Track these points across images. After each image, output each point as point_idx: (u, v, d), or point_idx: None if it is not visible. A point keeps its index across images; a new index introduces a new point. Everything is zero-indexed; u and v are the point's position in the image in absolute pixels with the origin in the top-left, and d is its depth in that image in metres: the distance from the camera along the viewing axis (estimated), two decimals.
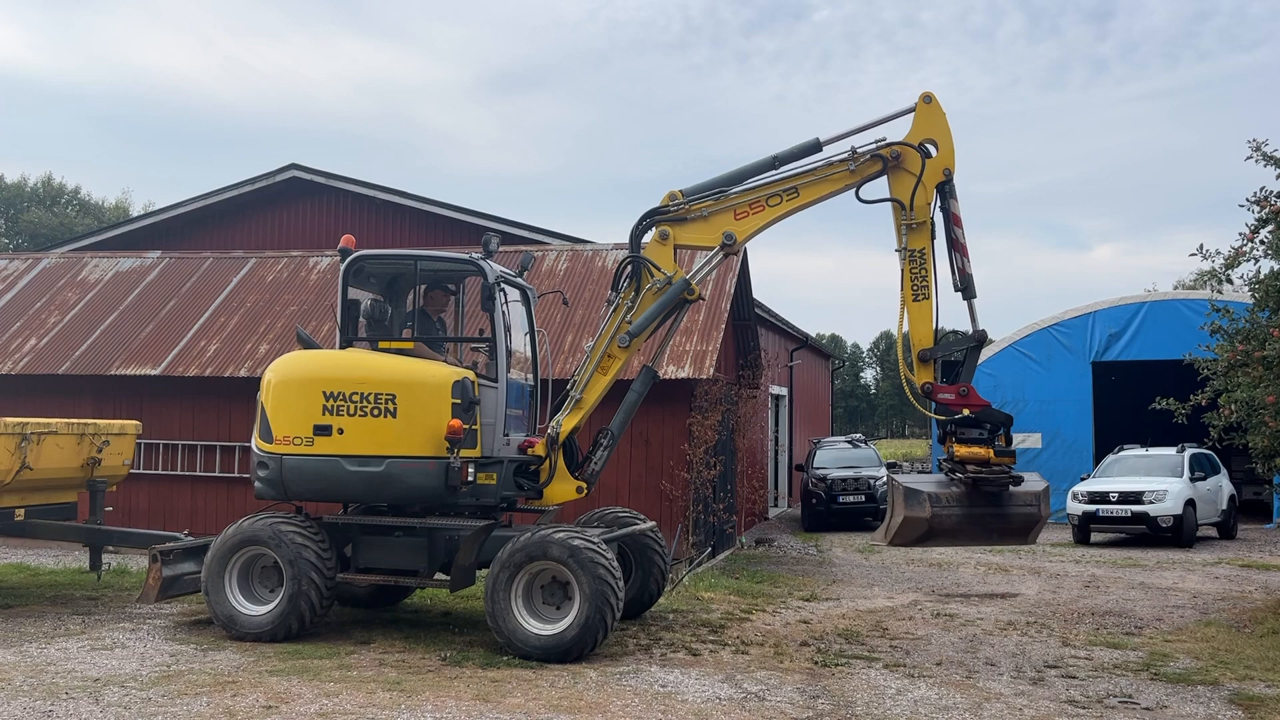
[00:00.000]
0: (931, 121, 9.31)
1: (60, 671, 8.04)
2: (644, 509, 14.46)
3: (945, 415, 9.00)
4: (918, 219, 9.24)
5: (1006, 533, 9.23)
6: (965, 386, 9.05)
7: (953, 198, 9.32)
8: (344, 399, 9.14)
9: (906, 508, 8.85)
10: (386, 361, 9.39)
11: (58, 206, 43.23)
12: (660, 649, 9.17)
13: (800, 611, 11.45)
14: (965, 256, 9.27)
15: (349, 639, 9.40)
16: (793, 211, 9.64)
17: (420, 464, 9.03)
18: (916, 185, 9.22)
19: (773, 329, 24.20)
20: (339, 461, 9.13)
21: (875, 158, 9.30)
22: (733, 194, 9.61)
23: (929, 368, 9.17)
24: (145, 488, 16.41)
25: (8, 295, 18.88)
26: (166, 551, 9.72)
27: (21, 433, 10.34)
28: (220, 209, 20.53)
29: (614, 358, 9.67)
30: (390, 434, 9.06)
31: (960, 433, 8.94)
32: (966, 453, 8.85)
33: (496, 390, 9.46)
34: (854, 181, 9.37)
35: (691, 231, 9.67)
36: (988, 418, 8.99)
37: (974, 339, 9.22)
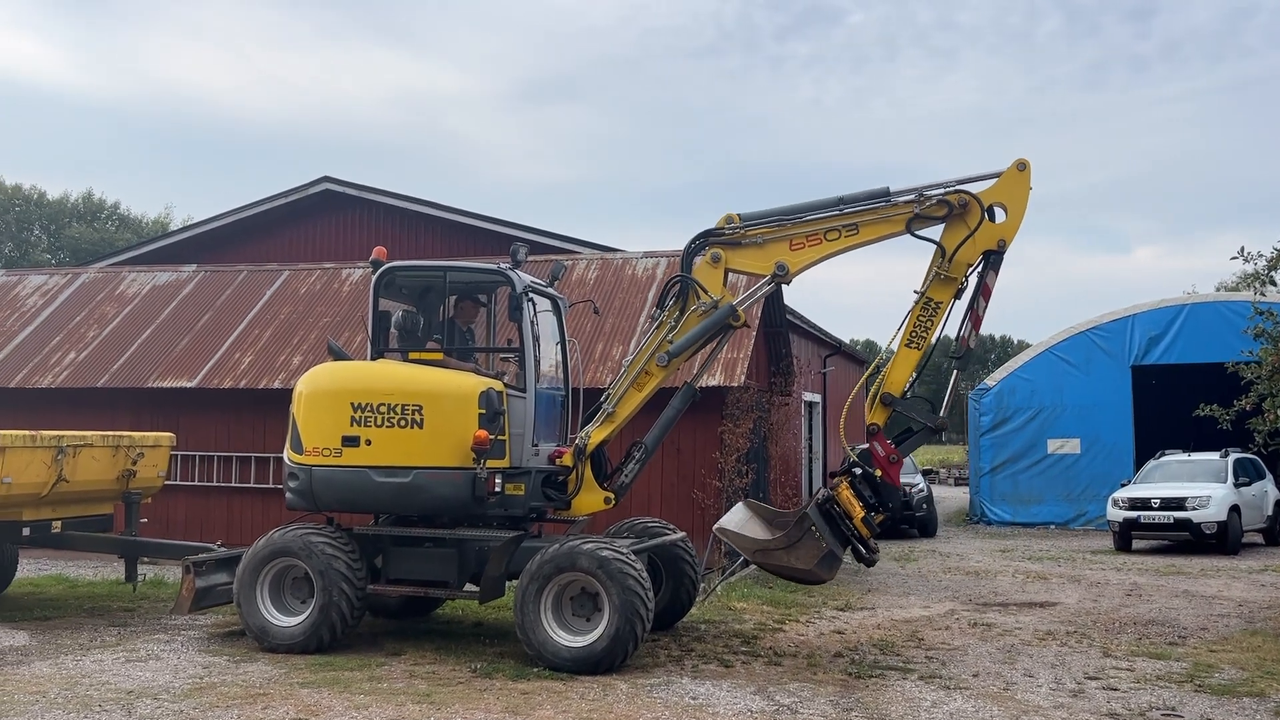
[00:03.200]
0: (1012, 188, 9.19)
1: (94, 683, 8.09)
2: (676, 518, 14.38)
3: (861, 460, 9.22)
4: (951, 273, 9.16)
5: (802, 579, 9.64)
6: (898, 456, 9.23)
7: (994, 270, 9.23)
8: (371, 410, 9.18)
9: (819, 566, 8.96)
10: (413, 373, 9.40)
11: (98, 222, 43.95)
12: (692, 660, 9.09)
13: (834, 621, 11.31)
14: (976, 330, 9.30)
15: (381, 650, 9.39)
16: (849, 249, 9.53)
17: (447, 474, 9.05)
18: (966, 238, 9.12)
19: (805, 335, 24.02)
20: (367, 472, 9.17)
21: (942, 203, 9.20)
22: (791, 224, 9.49)
23: (885, 411, 9.31)
24: (182, 499, 16.56)
25: (48, 310, 19.15)
26: (199, 563, 9.77)
27: (58, 445, 10.46)
28: (254, 222, 20.76)
29: (651, 375, 9.60)
30: (417, 445, 9.08)
31: (857, 484, 9.08)
32: (845, 497, 9.05)
33: (525, 400, 9.43)
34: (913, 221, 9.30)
35: (745, 257, 9.60)
36: (885, 494, 9.17)
37: (934, 425, 9.33)
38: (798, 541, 8.92)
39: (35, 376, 17.36)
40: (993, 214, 9.20)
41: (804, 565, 8.93)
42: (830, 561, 8.91)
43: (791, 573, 9.24)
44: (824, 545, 8.83)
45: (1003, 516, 24.39)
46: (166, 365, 17.14)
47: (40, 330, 18.53)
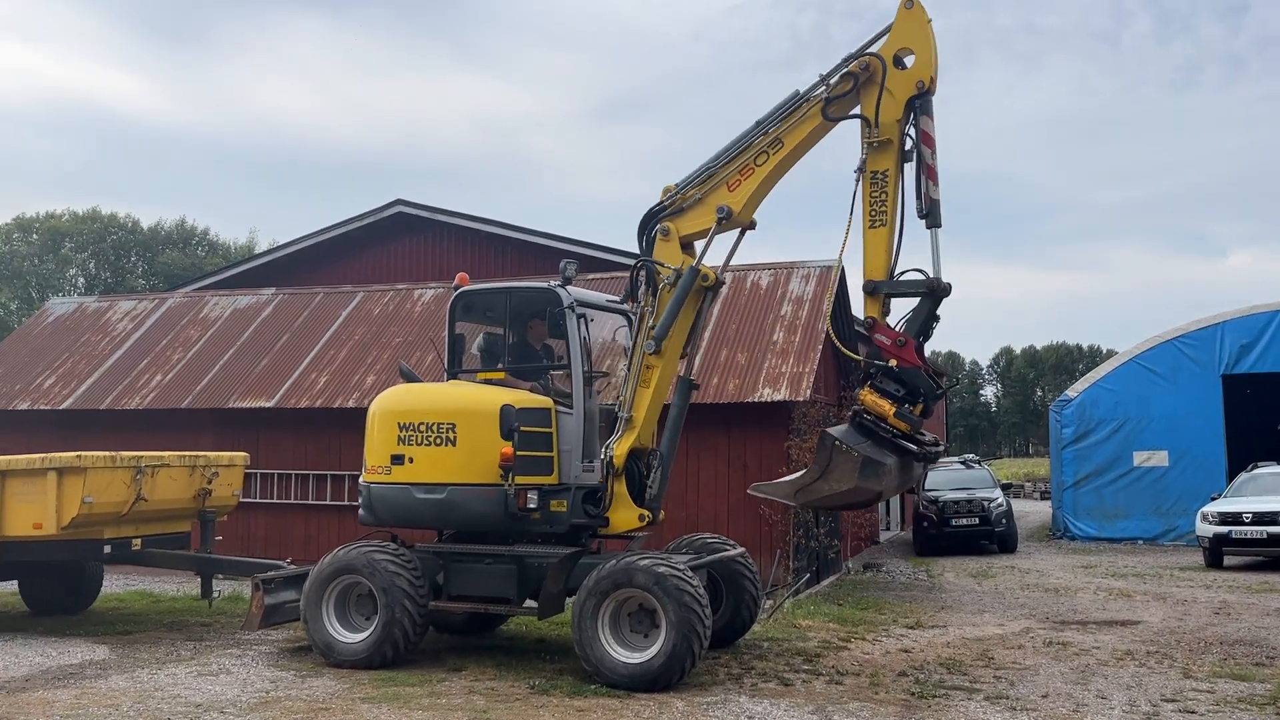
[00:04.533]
0: (909, 29, 8.70)
1: (166, 696, 8.33)
2: (743, 534, 14.30)
3: (875, 359, 8.50)
4: (882, 136, 8.68)
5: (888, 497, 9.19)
6: (904, 337, 8.41)
7: (927, 114, 8.64)
8: (414, 429, 9.53)
9: (861, 478, 8.22)
10: (451, 391, 9.72)
11: (189, 248, 45.60)
12: (751, 679, 8.99)
13: (902, 640, 11.09)
14: (933, 181, 8.58)
15: (443, 666, 9.49)
16: (784, 165, 9.24)
17: (479, 491, 9.23)
18: (880, 95, 8.67)
19: None
20: (410, 489, 9.50)
21: (846, 76, 8.85)
22: (721, 167, 9.32)
23: (876, 301, 8.60)
24: (261, 516, 17.02)
25: (137, 334, 19.89)
26: (268, 580, 10.00)
27: (136, 466, 10.83)
28: (331, 245, 21.32)
29: (651, 367, 9.33)
30: (452, 462, 9.34)
31: (879, 383, 8.38)
32: (870, 400, 8.33)
33: (573, 416, 9.47)
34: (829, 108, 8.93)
35: (692, 220, 9.40)
36: (909, 380, 8.30)
37: (926, 286, 8.48)
38: (829, 465, 8.34)
39: (124, 398, 18.03)
40: (901, 62, 8.77)
41: (847, 484, 8.29)
42: (873, 469, 8.19)
43: (841, 499, 8.58)
44: (857, 455, 8.18)
45: (1087, 531, 23.67)
46: (246, 386, 17.65)
47: (129, 353, 19.26)
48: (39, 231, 43.36)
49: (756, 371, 15.08)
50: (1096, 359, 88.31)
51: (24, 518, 10.59)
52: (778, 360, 15.20)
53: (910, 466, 8.70)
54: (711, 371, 15.26)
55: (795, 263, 17.28)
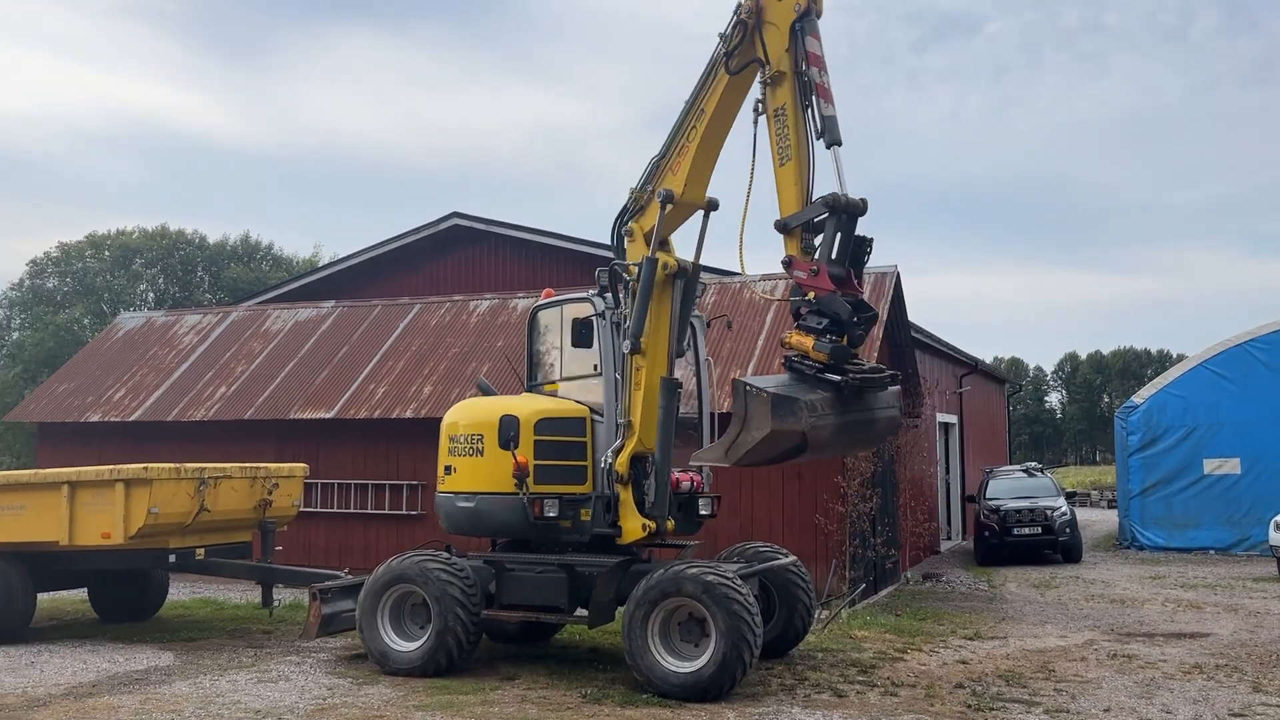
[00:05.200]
0: None
1: (227, 703, 8.50)
2: (798, 544, 14.18)
3: (795, 296, 8.22)
4: (774, 70, 8.53)
5: (872, 439, 8.49)
6: (817, 265, 7.91)
7: (812, 34, 8.42)
8: (457, 441, 9.94)
9: (776, 419, 7.63)
10: (487, 404, 10.09)
11: (254, 262, 46.56)
12: (805, 689, 8.91)
13: (960, 651, 10.91)
14: (825, 99, 8.25)
15: (496, 674, 9.56)
16: (711, 134, 9.11)
17: (504, 499, 9.48)
18: (759, 28, 8.57)
19: (937, 354, 23.40)
20: (453, 498, 9.90)
21: (737, 26, 8.77)
22: (662, 155, 9.32)
23: (793, 238, 8.27)
24: (322, 525, 17.29)
25: (202, 347, 20.36)
26: (325, 590, 10.16)
27: (200, 477, 11.09)
28: (389, 258, 21.61)
29: (639, 369, 9.19)
30: (481, 471, 9.66)
31: (803, 321, 8.02)
32: (795, 340, 7.97)
33: (604, 425, 9.55)
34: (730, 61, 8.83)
35: (650, 215, 9.34)
36: (826, 308, 7.82)
37: (825, 204, 7.98)
38: (746, 414, 7.86)
39: (190, 410, 18.45)
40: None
41: (764, 429, 7.71)
42: (786, 407, 7.63)
43: (766, 448, 7.90)
44: (765, 395, 7.69)
45: (1155, 541, 23.06)
46: (307, 397, 17.96)
47: (194, 366, 19.71)
48: (110, 248, 44.64)
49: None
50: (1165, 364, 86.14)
51: (93, 527, 10.91)
52: None
53: (858, 403, 7.95)
54: None
55: None
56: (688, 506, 9.78)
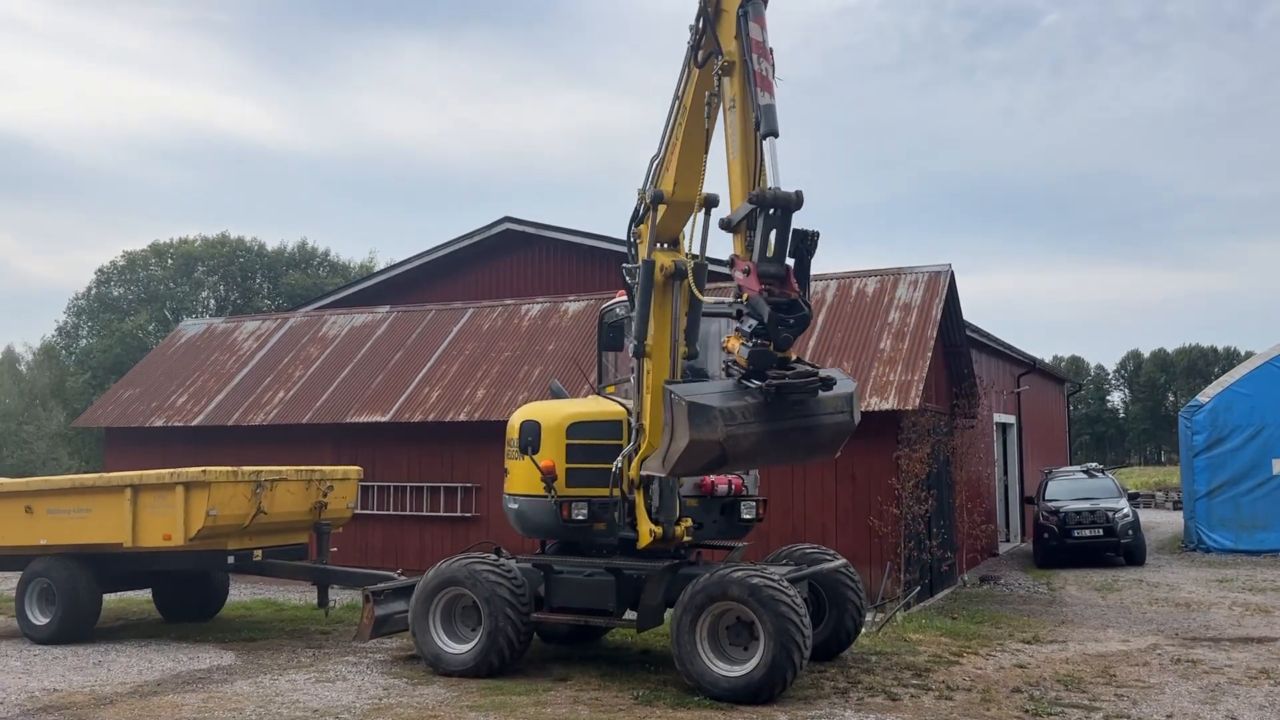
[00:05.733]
0: None
1: (286, 702, 8.64)
2: (851, 546, 14.07)
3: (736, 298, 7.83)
4: (726, 58, 8.20)
5: (817, 446, 7.83)
6: (748, 264, 7.48)
7: (755, 20, 8.04)
8: (510, 444, 10.18)
9: (693, 428, 7.36)
10: (533, 408, 10.31)
11: (311, 268, 47.34)
12: (858, 692, 8.83)
13: (1018, 655, 10.73)
14: (763, 88, 7.80)
15: (548, 675, 9.60)
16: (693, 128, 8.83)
17: (540, 502, 9.65)
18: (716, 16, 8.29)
19: (994, 354, 23.05)
20: (506, 500, 10.15)
21: (699, 17, 8.57)
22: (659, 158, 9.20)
23: (739, 235, 7.80)
24: (378, 527, 17.53)
25: (261, 352, 20.76)
26: (378, 592, 10.28)
27: (257, 480, 11.30)
28: (442, 263, 21.86)
29: (647, 371, 9.03)
30: (522, 474, 9.88)
31: (741, 326, 7.61)
32: (728, 344, 7.59)
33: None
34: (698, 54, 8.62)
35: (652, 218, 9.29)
36: (752, 310, 7.40)
37: (751, 199, 7.51)
38: (672, 421, 7.64)
39: (250, 414, 18.82)
40: None
41: (685, 438, 7.47)
42: (701, 416, 7.36)
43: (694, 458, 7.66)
44: (684, 403, 7.44)
45: (1222, 543, 22.47)
46: (363, 401, 18.21)
47: (254, 371, 20.10)
48: (173, 256, 45.68)
49: (863, 380, 14.83)
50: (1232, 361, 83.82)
51: (155, 529, 11.16)
52: (885, 369, 14.93)
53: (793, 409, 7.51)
54: None
55: (902, 268, 16.96)
56: (730, 510, 9.71)
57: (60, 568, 11.60)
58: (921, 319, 15.66)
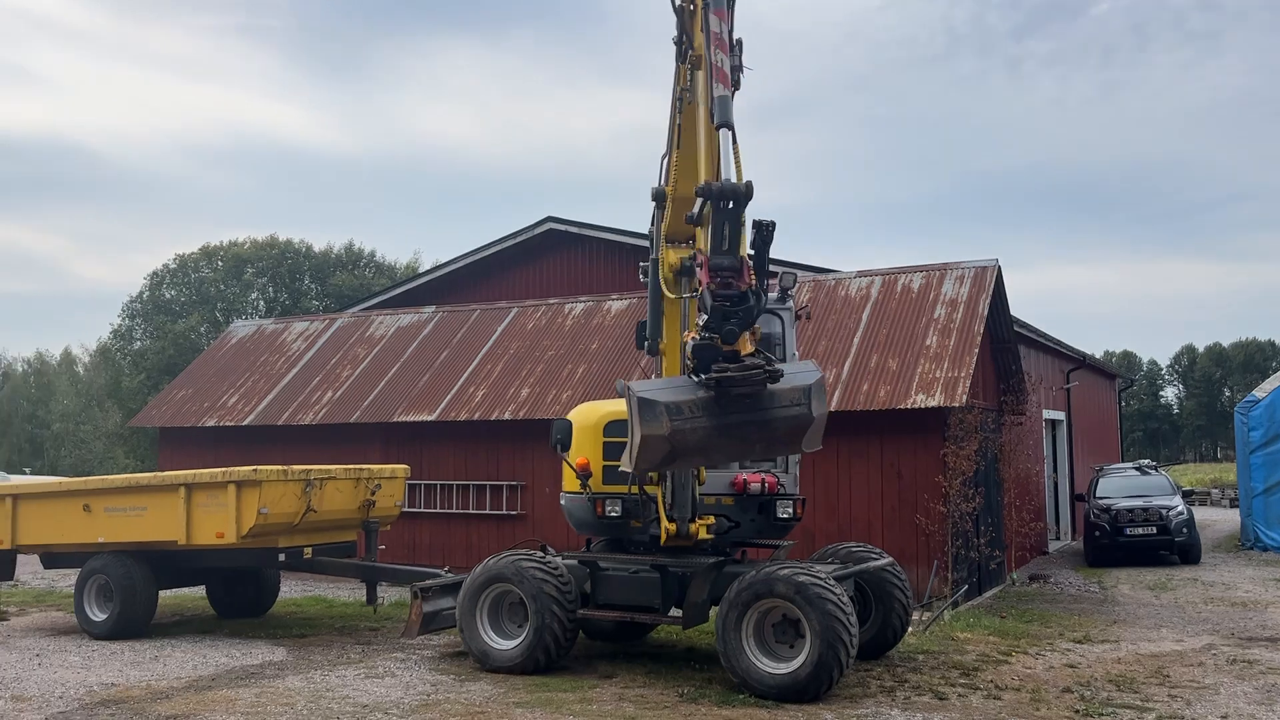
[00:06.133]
0: None
1: (336, 697, 8.77)
2: (898, 544, 13.98)
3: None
4: (696, 52, 8.27)
5: (775, 441, 7.62)
6: (702, 256, 7.41)
7: (715, 12, 8.02)
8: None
9: (643, 424, 7.33)
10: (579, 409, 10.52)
11: (358, 269, 47.84)
12: (905, 691, 8.77)
13: (1068, 655, 10.60)
14: (718, 80, 7.74)
15: (594, 672, 9.65)
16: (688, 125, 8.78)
17: (579, 499, 9.88)
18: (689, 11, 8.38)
19: (1043, 349, 22.75)
20: (561, 497, 10.36)
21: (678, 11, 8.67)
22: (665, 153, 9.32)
23: (701, 230, 7.73)
24: (426, 525, 17.71)
25: (309, 353, 21.05)
26: (426, 588, 10.40)
27: (306, 479, 11.47)
28: (487, 263, 22.00)
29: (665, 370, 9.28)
30: (569, 472, 10.04)
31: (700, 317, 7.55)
32: (685, 337, 7.58)
33: None
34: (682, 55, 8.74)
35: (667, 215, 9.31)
36: (703, 301, 7.34)
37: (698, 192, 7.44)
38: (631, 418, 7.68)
39: (299, 414, 19.09)
40: None
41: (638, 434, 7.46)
42: (649, 411, 7.35)
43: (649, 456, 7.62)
44: (635, 399, 7.45)
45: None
46: (410, 401, 18.40)
47: (303, 372, 20.39)
48: (223, 259, 46.41)
49: (909, 377, 14.72)
50: None
51: (208, 527, 11.38)
52: (931, 365, 14.80)
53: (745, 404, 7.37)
54: (861, 378, 14.99)
55: (948, 264, 16.80)
56: (767, 509, 9.68)
57: (117, 565, 11.86)
58: (968, 315, 15.50)
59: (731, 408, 7.36)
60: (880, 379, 14.88)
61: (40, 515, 12.49)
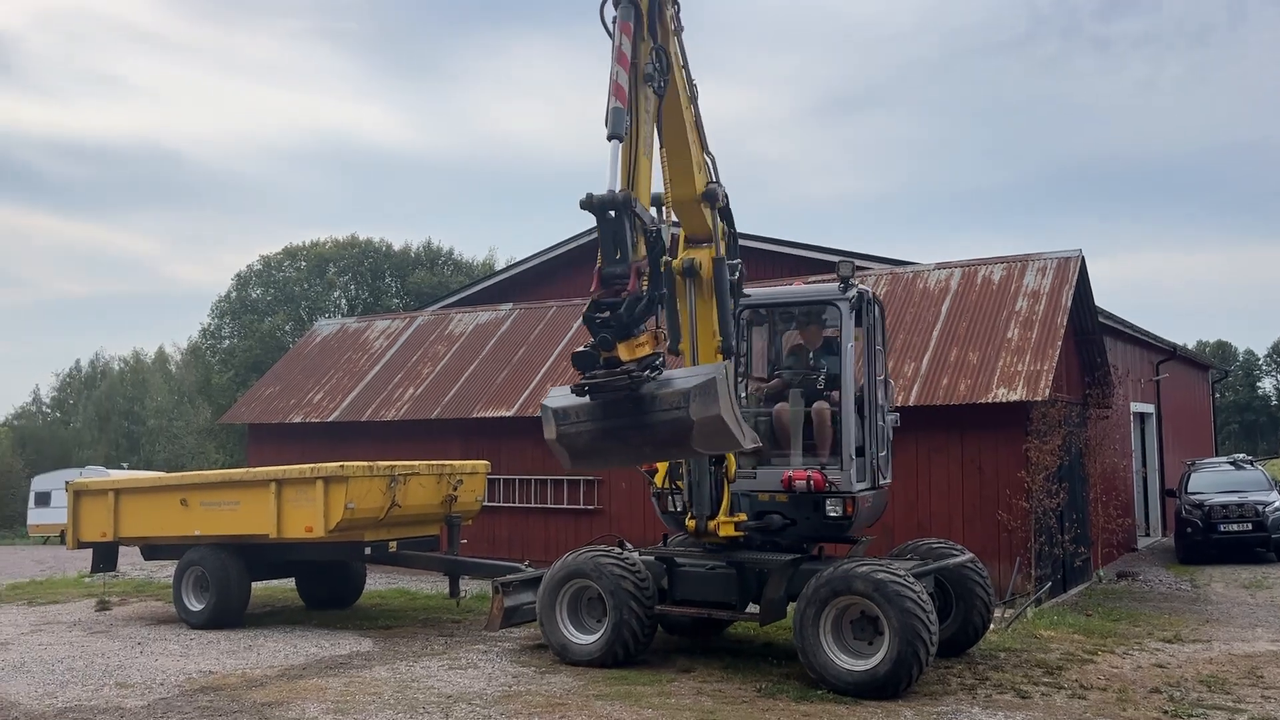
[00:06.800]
0: None
1: (421, 688, 9.00)
2: (979, 541, 13.79)
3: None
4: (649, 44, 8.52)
5: (661, 445, 7.67)
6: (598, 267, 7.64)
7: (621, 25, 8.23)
8: None
9: (544, 427, 7.86)
10: None
11: (436, 267, 48.68)
12: (986, 689, 8.68)
13: (1157, 654, 10.36)
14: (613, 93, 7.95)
15: (672, 666, 9.73)
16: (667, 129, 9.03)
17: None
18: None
19: (1130, 341, 22.17)
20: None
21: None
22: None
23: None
24: (505, 519, 17.99)
25: (391, 351, 21.51)
26: (507, 583, 10.58)
27: (391, 474, 11.77)
28: (563, 259, 22.23)
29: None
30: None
31: None
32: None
33: None
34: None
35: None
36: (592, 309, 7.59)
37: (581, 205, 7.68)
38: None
39: (382, 411, 19.53)
40: None
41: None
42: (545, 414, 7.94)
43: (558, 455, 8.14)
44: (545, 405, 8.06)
45: None
46: (488, 397, 18.70)
47: (384, 369, 20.85)
48: (306, 258, 47.65)
49: (990, 371, 14.49)
50: None
51: (297, 521, 11.74)
52: (1013, 358, 14.55)
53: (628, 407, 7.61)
54: (940, 372, 14.81)
55: (1030, 255, 16.48)
56: (821, 507, 9.37)
57: (213, 557, 12.31)
58: (1050, 307, 15.20)
59: (613, 412, 7.66)
60: (960, 373, 14.67)
61: (140, 509, 13.02)
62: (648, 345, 7.62)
